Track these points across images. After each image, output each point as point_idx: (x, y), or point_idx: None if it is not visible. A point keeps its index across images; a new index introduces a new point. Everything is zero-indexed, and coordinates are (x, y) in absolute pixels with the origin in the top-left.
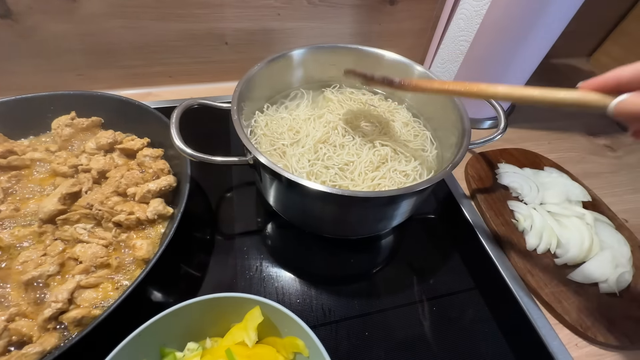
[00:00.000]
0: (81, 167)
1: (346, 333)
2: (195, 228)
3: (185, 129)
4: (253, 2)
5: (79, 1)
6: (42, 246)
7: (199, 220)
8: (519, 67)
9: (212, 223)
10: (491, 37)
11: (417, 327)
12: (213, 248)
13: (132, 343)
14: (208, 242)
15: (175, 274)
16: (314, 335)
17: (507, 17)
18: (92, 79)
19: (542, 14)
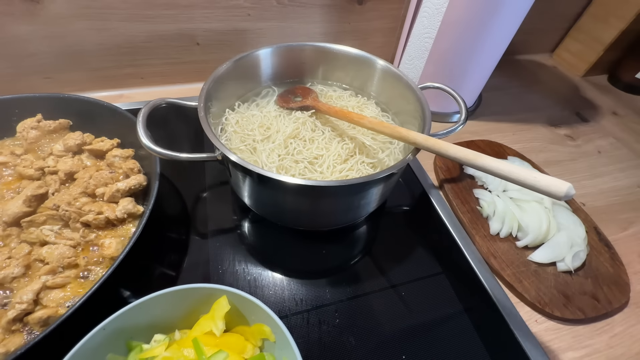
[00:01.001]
0: (48, 169)
1: (317, 321)
2: (170, 228)
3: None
4: (222, 2)
5: (43, 3)
6: (6, 249)
7: (174, 220)
8: (480, 61)
9: (187, 223)
10: (452, 33)
11: (386, 312)
12: (188, 247)
13: (95, 337)
14: (183, 241)
15: (149, 274)
16: (278, 319)
17: (466, 15)
18: (62, 82)
19: (498, 12)
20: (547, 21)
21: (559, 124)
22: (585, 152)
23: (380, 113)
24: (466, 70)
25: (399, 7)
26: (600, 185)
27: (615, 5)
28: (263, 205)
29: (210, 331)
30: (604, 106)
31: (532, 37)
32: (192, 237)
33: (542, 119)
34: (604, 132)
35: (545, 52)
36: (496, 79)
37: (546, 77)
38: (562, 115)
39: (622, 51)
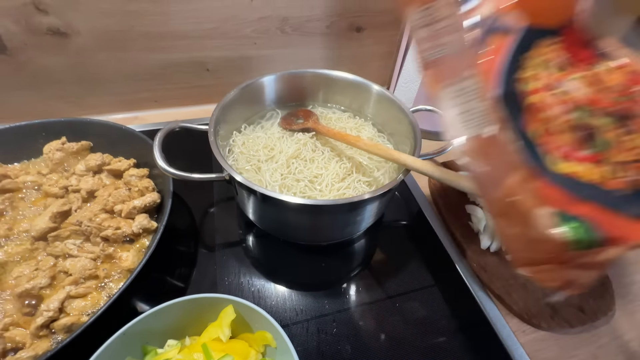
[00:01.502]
0: (71, 187)
1: (316, 329)
2: (179, 242)
3: (171, 149)
4: (231, 34)
5: (70, 36)
6: (34, 262)
7: (183, 234)
8: None
9: (195, 236)
10: None
11: (381, 322)
12: (196, 260)
13: (117, 341)
14: (191, 254)
15: (160, 286)
16: (279, 327)
17: None
18: (82, 106)
19: None
20: None
21: None
22: None
23: (377, 134)
24: None
25: (395, 34)
26: None
27: None
28: (266, 221)
29: (217, 337)
30: None
31: None
32: (200, 251)
33: None
34: None
35: None
36: None
37: None
38: None
39: None
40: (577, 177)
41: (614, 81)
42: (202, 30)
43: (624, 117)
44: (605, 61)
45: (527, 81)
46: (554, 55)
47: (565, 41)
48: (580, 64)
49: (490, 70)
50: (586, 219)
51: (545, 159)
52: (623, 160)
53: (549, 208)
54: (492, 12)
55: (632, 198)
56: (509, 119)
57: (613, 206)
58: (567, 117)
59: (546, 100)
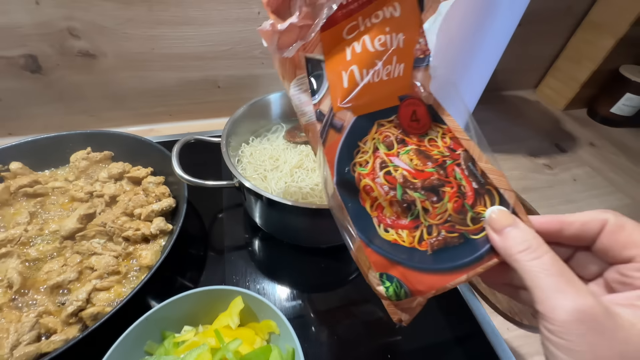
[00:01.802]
0: (95, 193)
1: (315, 322)
2: (190, 245)
3: (183, 159)
4: (241, 55)
5: (98, 58)
6: (62, 259)
7: (193, 238)
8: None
9: (205, 240)
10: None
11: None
12: (205, 262)
13: (140, 326)
14: (201, 257)
15: (172, 286)
16: (282, 315)
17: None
18: (103, 119)
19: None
20: (528, 62)
21: (538, 155)
22: (561, 180)
23: None
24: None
25: None
26: (574, 210)
27: (586, 49)
28: (271, 225)
29: (227, 325)
30: (582, 138)
31: (517, 75)
32: (210, 254)
33: (523, 150)
34: (580, 162)
35: (530, 88)
36: (484, 113)
37: (530, 111)
38: (542, 146)
39: (597, 88)
40: (398, 242)
41: (437, 149)
42: (216, 51)
43: (433, 189)
44: (435, 129)
45: (361, 164)
46: (390, 132)
47: (401, 116)
48: (413, 136)
49: (330, 161)
50: (398, 278)
51: (379, 228)
52: (433, 223)
53: (374, 271)
54: (329, 109)
55: (430, 257)
56: (347, 199)
57: (416, 265)
58: (389, 195)
59: (370, 183)
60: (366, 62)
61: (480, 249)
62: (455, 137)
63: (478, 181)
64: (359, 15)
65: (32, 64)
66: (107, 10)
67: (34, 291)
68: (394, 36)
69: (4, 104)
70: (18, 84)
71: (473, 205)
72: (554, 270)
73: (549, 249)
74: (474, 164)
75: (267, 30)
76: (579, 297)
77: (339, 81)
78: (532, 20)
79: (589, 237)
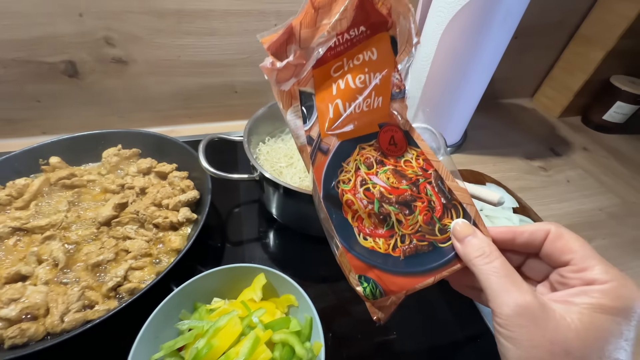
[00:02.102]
0: (127, 185)
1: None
2: (209, 237)
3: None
4: (257, 62)
5: (129, 64)
6: (99, 242)
7: (212, 230)
8: (461, 106)
9: (223, 233)
10: (436, 85)
11: None
12: (223, 253)
13: (176, 296)
14: (219, 248)
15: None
16: (299, 287)
17: (446, 71)
18: (130, 120)
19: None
20: (525, 72)
21: (534, 158)
22: (555, 181)
23: None
24: (450, 112)
25: None
26: (566, 208)
27: (578, 60)
28: (287, 214)
29: (251, 299)
30: (576, 143)
31: (514, 84)
32: (227, 245)
33: (520, 153)
34: (573, 165)
35: (526, 96)
36: (482, 119)
37: (526, 118)
38: (538, 150)
39: (590, 97)
40: (375, 249)
41: (411, 169)
42: (235, 59)
43: (406, 203)
44: (410, 152)
45: (344, 182)
46: (371, 154)
47: (380, 141)
48: (391, 158)
49: (318, 179)
50: (374, 280)
51: (359, 236)
52: (406, 233)
53: (354, 273)
54: (317, 135)
55: (402, 262)
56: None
57: (389, 269)
58: (368, 208)
59: (352, 198)
60: (349, 96)
61: (447, 256)
62: (427, 158)
63: (446, 197)
64: (344, 56)
65: (70, 69)
66: (141, 21)
67: (75, 269)
68: (372, 75)
69: (42, 105)
70: (56, 87)
71: (441, 217)
72: (502, 273)
73: (499, 255)
74: (442, 182)
75: (268, 67)
76: (520, 294)
77: (326, 112)
78: (527, 33)
79: (536, 245)
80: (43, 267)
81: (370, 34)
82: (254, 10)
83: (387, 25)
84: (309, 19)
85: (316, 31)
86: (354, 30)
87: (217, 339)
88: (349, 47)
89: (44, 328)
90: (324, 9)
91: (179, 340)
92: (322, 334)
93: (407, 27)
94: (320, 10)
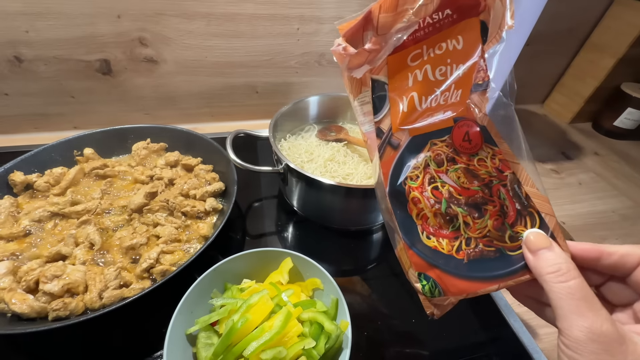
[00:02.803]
0: (155, 176)
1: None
2: (230, 230)
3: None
4: (279, 64)
5: (159, 63)
6: (131, 228)
7: (232, 223)
8: None
9: (243, 226)
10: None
11: (401, 295)
12: (243, 245)
13: (209, 275)
14: (239, 240)
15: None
16: (325, 271)
17: None
18: (155, 117)
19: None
20: (536, 78)
21: (546, 161)
22: (567, 183)
23: None
24: None
25: None
26: (579, 209)
27: (589, 67)
28: (308, 205)
29: (278, 281)
30: (587, 147)
31: (525, 90)
32: (247, 238)
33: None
34: (585, 168)
35: (537, 102)
36: None
37: (537, 123)
38: (549, 154)
39: (601, 103)
40: (438, 249)
41: (485, 169)
42: (258, 61)
43: (476, 206)
44: (486, 150)
45: (412, 178)
46: (442, 151)
47: (454, 137)
48: (463, 155)
49: (385, 174)
50: (434, 279)
51: (422, 234)
52: (473, 236)
53: (414, 270)
54: (389, 128)
55: (466, 265)
56: (396, 207)
57: (451, 270)
58: (434, 207)
59: (418, 196)
60: (426, 90)
61: (515, 265)
62: (505, 159)
63: (521, 203)
64: (424, 44)
65: (105, 67)
66: (173, 23)
67: (110, 252)
68: (454, 67)
69: (75, 100)
70: (90, 84)
71: (513, 224)
72: (579, 295)
73: (577, 275)
74: (520, 186)
75: (340, 53)
76: (597, 320)
77: (400, 104)
78: (539, 41)
79: (626, 269)
80: (80, 249)
81: (457, 19)
82: (278, 14)
83: (479, 9)
84: (389, 2)
85: (397, 16)
86: (439, 14)
87: (250, 314)
88: (431, 33)
89: (82, 304)
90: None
91: (213, 315)
92: (347, 313)
93: (501, 11)
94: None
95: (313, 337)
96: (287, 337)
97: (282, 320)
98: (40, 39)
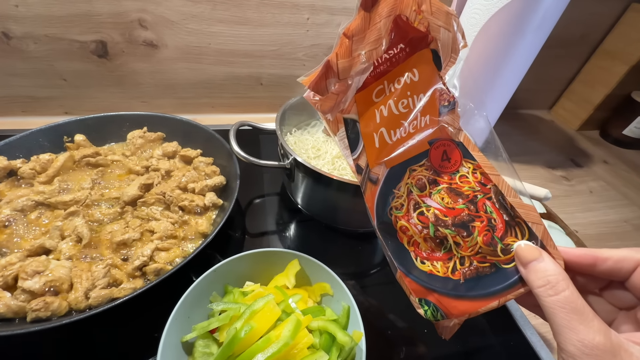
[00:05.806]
0: (151, 167)
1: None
2: (229, 227)
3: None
4: (286, 55)
5: (159, 48)
6: (123, 222)
7: (232, 221)
8: (487, 112)
9: (243, 224)
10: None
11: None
12: (243, 244)
13: (208, 276)
14: (239, 239)
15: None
16: (336, 276)
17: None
18: (153, 105)
19: (500, 73)
20: (544, 83)
21: (555, 167)
22: (578, 190)
23: None
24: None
25: None
26: (591, 218)
27: (600, 74)
28: (314, 203)
29: (284, 285)
30: (596, 155)
31: (533, 95)
32: (246, 237)
33: (541, 162)
34: (595, 176)
35: (544, 108)
36: (502, 127)
37: (544, 129)
38: (558, 160)
39: (610, 111)
40: (434, 272)
41: (467, 185)
42: (264, 51)
43: (463, 225)
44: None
45: (396, 208)
46: (422, 175)
47: (432, 159)
48: (444, 175)
49: (370, 208)
50: (434, 303)
51: (416, 260)
52: (465, 255)
53: (414, 297)
54: (366, 164)
55: (463, 285)
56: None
57: (449, 293)
58: (423, 232)
59: (406, 224)
60: (393, 123)
61: (511, 278)
62: (485, 172)
63: (508, 214)
64: (384, 79)
65: (100, 49)
66: (176, 5)
67: (99, 248)
68: (415, 98)
69: (67, 83)
70: (84, 67)
71: (503, 237)
72: (569, 308)
73: (567, 286)
74: (504, 198)
75: (311, 98)
76: (588, 333)
77: (372, 142)
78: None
79: (622, 274)
80: (66, 243)
81: (410, 52)
82: (288, 2)
83: (428, 40)
84: (344, 49)
85: (353, 61)
86: (393, 49)
87: (255, 321)
88: (389, 68)
89: (66, 304)
90: (357, 37)
91: (212, 321)
92: (361, 322)
93: (450, 37)
94: (354, 39)
95: (324, 349)
96: (296, 349)
97: (291, 329)
98: (30, 15)
